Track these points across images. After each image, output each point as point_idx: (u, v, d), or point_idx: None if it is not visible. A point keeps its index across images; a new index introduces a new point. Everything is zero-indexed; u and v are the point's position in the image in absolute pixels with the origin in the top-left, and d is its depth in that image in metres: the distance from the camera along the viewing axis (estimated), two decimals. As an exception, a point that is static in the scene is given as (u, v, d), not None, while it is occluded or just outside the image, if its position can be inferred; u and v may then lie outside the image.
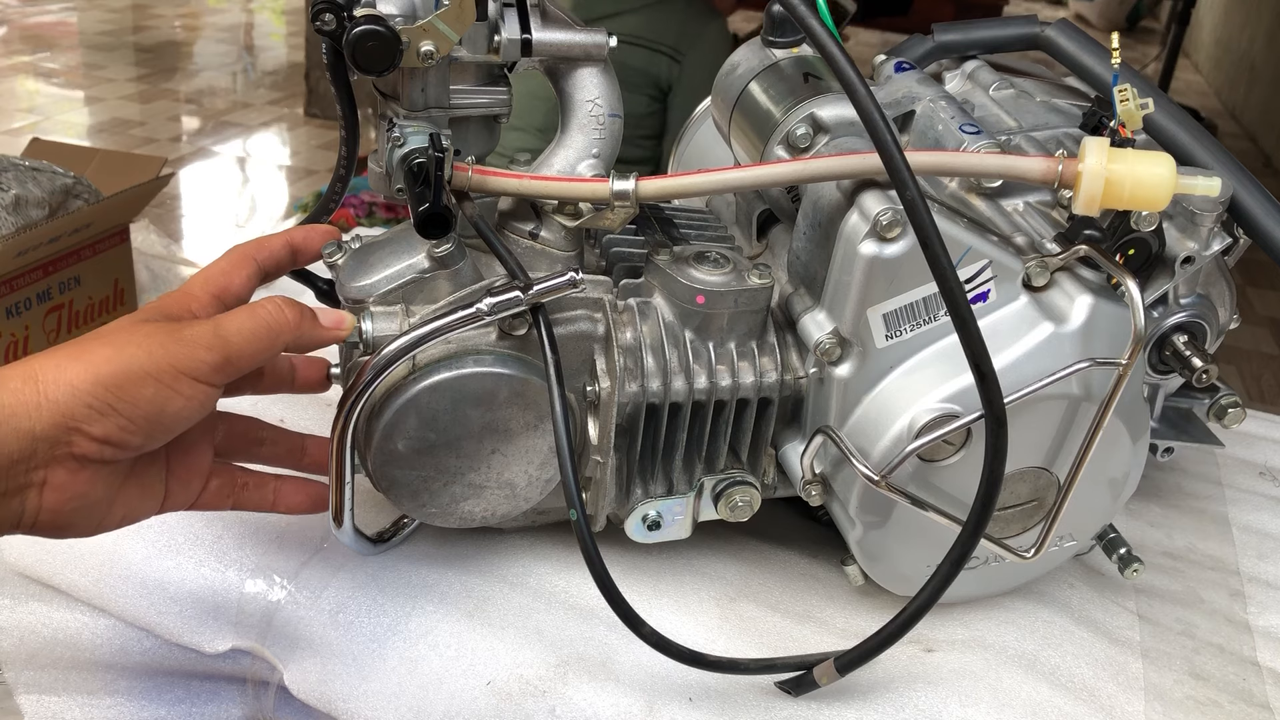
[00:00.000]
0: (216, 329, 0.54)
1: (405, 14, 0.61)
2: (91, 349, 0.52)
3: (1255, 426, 1.00)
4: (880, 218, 0.59)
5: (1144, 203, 0.59)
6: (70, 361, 0.51)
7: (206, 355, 0.54)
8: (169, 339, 0.53)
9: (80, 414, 0.50)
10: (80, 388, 0.50)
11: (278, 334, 0.57)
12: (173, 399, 0.53)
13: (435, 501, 0.66)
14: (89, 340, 0.53)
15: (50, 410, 0.50)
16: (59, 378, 0.50)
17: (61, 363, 0.51)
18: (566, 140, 0.66)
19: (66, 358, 0.51)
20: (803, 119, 0.66)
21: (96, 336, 0.53)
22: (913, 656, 0.68)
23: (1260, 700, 0.68)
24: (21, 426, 0.49)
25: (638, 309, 0.67)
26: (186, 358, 0.53)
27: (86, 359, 0.51)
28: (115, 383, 0.51)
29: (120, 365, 0.51)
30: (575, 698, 0.63)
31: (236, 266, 0.61)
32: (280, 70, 4.24)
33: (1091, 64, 0.75)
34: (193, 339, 0.53)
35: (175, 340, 0.53)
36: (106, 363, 0.51)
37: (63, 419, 0.50)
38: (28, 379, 0.50)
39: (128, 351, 0.51)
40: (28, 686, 0.74)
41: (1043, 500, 0.67)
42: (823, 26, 0.55)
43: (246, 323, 0.56)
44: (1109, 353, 0.61)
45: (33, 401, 0.50)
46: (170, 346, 0.53)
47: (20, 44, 4.27)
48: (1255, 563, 0.82)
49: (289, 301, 0.58)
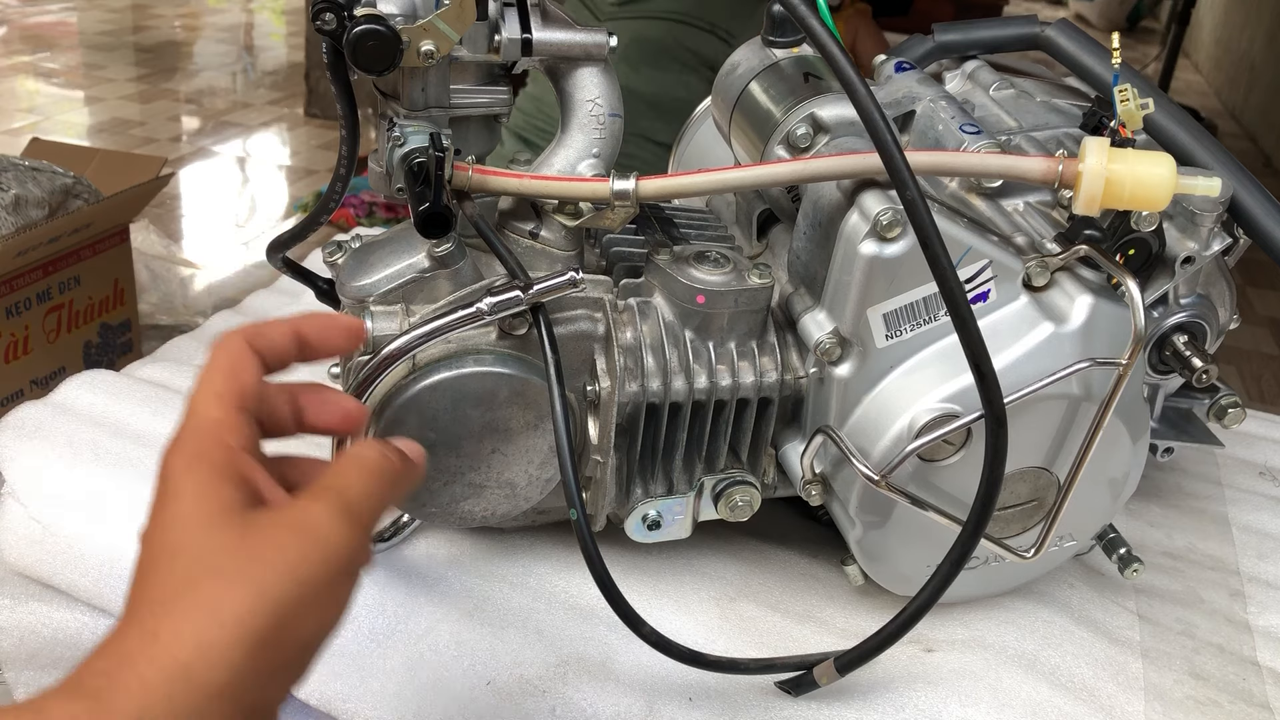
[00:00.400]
0: (347, 510, 0.41)
1: (405, 13, 0.61)
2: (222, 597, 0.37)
3: (1255, 426, 1.00)
4: (880, 217, 0.59)
5: (1144, 203, 0.59)
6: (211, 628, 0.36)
7: (352, 541, 0.41)
8: (302, 545, 0.39)
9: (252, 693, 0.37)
10: (239, 663, 0.36)
11: (397, 486, 0.45)
12: (332, 615, 0.40)
13: (435, 501, 0.66)
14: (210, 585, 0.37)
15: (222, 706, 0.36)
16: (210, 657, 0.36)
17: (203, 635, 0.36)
18: (567, 140, 0.66)
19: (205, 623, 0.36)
20: (803, 119, 0.66)
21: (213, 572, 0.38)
22: (913, 656, 0.68)
23: (1260, 700, 0.68)
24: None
25: (638, 309, 0.67)
26: (335, 561, 0.40)
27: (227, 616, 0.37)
28: (274, 636, 0.37)
29: (270, 609, 0.37)
30: (575, 698, 0.63)
31: (240, 366, 0.46)
32: (280, 70, 4.24)
33: (1091, 64, 0.75)
34: (327, 538, 0.40)
35: (310, 545, 0.40)
36: (252, 613, 0.37)
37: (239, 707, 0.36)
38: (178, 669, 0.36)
39: (268, 584, 0.38)
40: (28, 686, 0.74)
41: (1043, 500, 0.67)
42: (823, 26, 0.54)
43: (370, 488, 0.43)
44: (1109, 353, 0.61)
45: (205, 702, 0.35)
46: (312, 556, 0.39)
47: (20, 44, 4.28)
48: (1255, 563, 0.82)
49: (386, 445, 0.46)
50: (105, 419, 0.79)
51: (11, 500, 0.73)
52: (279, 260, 0.73)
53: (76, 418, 0.79)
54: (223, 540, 0.39)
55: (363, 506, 0.42)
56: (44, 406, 0.80)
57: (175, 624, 0.36)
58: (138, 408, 0.80)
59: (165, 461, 0.42)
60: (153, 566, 0.40)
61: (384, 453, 0.45)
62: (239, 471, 0.42)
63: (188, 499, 0.40)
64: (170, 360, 0.92)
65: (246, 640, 0.36)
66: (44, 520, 0.71)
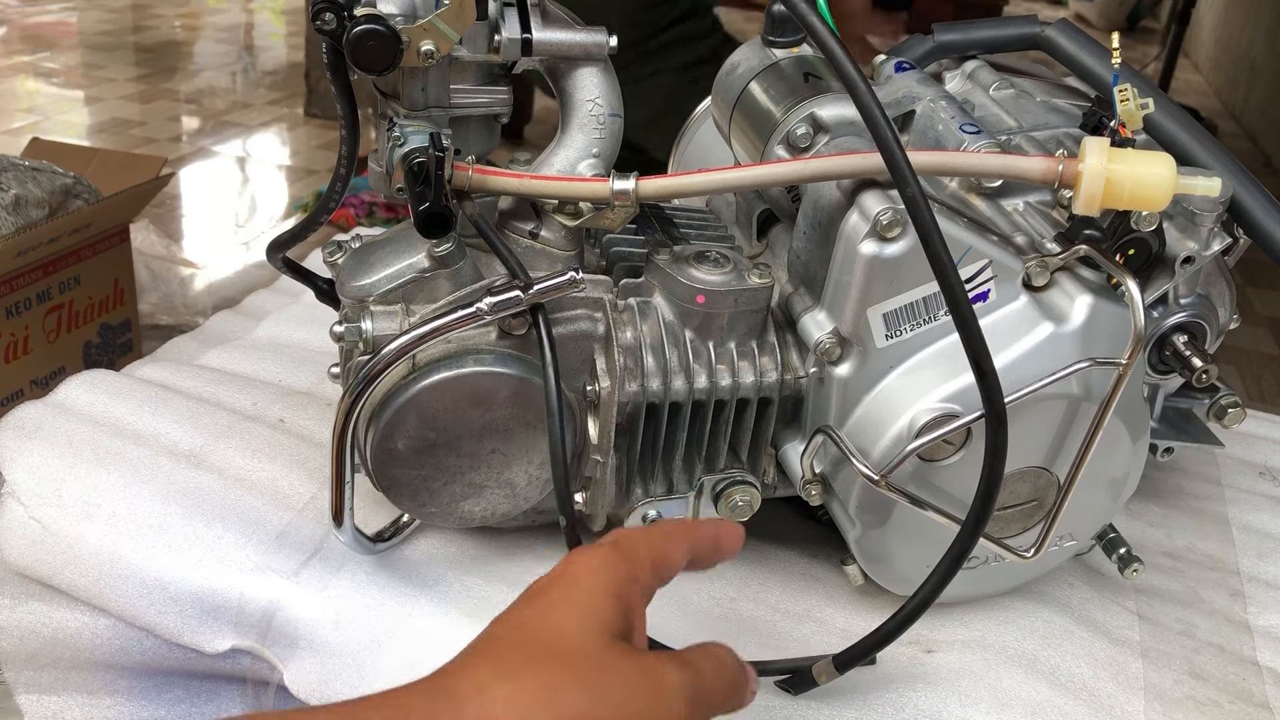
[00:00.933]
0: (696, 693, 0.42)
1: (405, 13, 0.61)
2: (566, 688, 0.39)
3: (1255, 426, 1.00)
4: (880, 217, 0.59)
5: (1144, 203, 0.59)
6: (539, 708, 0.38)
7: None
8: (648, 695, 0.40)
9: None
10: None
11: (736, 700, 0.47)
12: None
13: (435, 501, 0.66)
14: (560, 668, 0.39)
15: None
16: None
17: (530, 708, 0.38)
18: (567, 140, 0.66)
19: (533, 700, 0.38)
20: (803, 119, 0.66)
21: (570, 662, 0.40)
22: (912, 657, 0.68)
23: (1260, 700, 0.68)
24: None
25: (638, 308, 0.67)
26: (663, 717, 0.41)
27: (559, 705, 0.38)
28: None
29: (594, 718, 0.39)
30: (575, 697, 0.63)
31: (675, 544, 0.49)
32: (280, 70, 4.24)
33: (1091, 64, 0.75)
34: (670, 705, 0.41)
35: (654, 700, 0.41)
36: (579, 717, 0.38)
37: None
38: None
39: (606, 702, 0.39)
40: (28, 686, 0.74)
41: (1043, 500, 0.67)
42: (824, 25, 0.55)
43: (719, 688, 0.45)
44: (1109, 353, 0.61)
45: None
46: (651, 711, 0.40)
47: (20, 44, 4.27)
48: (1255, 563, 0.82)
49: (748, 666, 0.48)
50: (105, 419, 0.79)
51: (11, 500, 0.73)
52: (279, 260, 0.73)
53: (76, 418, 0.79)
54: (586, 643, 0.41)
55: (704, 699, 0.43)
56: (44, 406, 0.80)
57: (510, 689, 0.38)
58: (138, 408, 0.80)
59: (574, 557, 0.45)
60: (514, 628, 0.42)
61: (744, 667, 0.47)
62: (629, 603, 0.45)
63: (580, 593, 0.43)
64: (170, 360, 0.92)
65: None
66: (44, 520, 0.71)
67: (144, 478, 0.73)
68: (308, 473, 0.76)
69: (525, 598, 0.44)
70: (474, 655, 0.41)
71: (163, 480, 0.73)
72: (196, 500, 0.72)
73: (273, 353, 0.93)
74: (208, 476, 0.74)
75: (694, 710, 0.42)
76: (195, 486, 0.73)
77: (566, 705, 0.38)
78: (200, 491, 0.73)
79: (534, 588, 0.44)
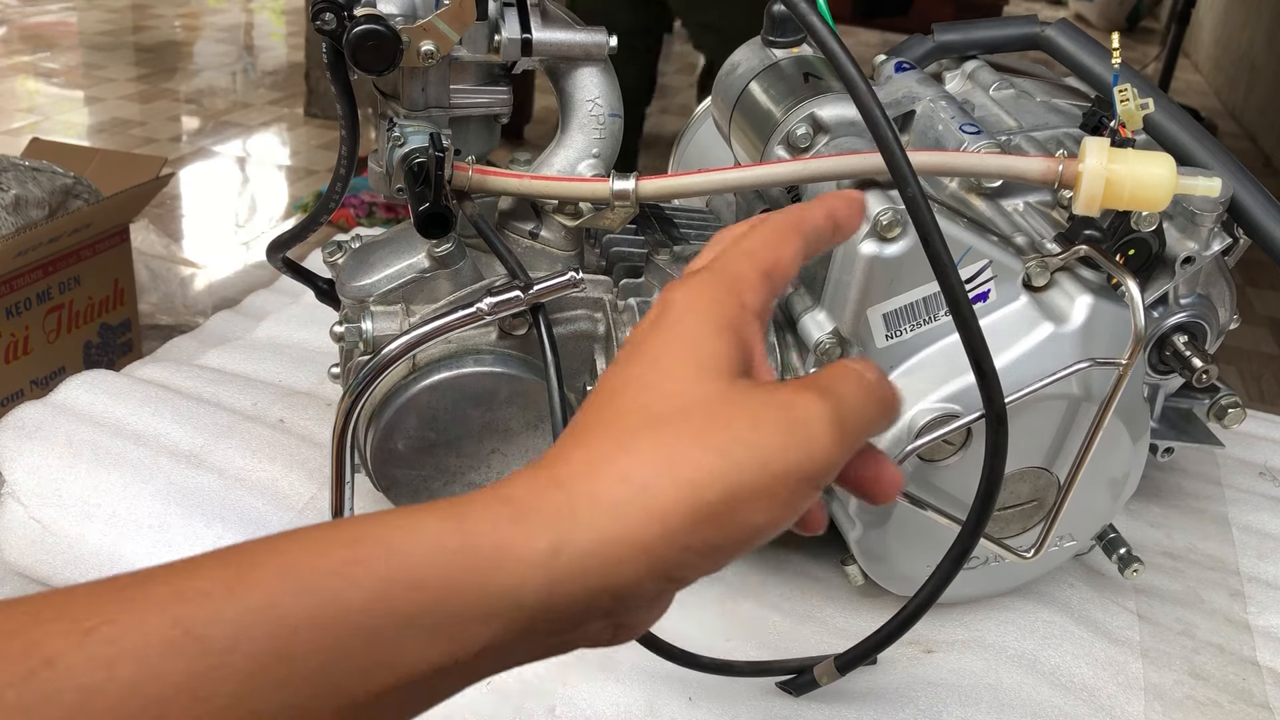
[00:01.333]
0: (840, 419, 0.36)
1: (405, 13, 0.61)
2: (688, 452, 0.33)
3: (1255, 426, 1.00)
4: (880, 217, 0.59)
5: (1144, 203, 0.59)
6: (663, 478, 0.33)
7: (834, 454, 0.36)
8: (784, 433, 0.35)
9: (671, 561, 0.33)
10: (677, 526, 0.33)
11: (886, 418, 0.40)
12: (783, 519, 0.35)
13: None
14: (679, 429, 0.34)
15: (637, 559, 0.32)
16: (649, 507, 0.33)
17: (650, 481, 0.33)
18: (566, 140, 0.66)
19: (656, 470, 0.33)
20: (803, 119, 0.66)
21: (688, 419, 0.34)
22: (913, 657, 0.68)
23: (1260, 700, 0.68)
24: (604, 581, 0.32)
25: (638, 308, 0.67)
26: (811, 464, 0.35)
27: (681, 472, 0.33)
28: (721, 513, 0.33)
29: (728, 481, 0.33)
30: (575, 697, 0.63)
31: (784, 240, 0.42)
32: (280, 70, 4.24)
33: (1091, 64, 0.75)
34: (813, 437, 0.35)
35: (792, 436, 0.35)
36: (710, 481, 0.33)
37: (651, 570, 0.33)
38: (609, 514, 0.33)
39: (737, 456, 0.34)
40: (28, 686, 0.74)
41: (1043, 500, 0.67)
42: (825, 24, 0.54)
43: (866, 408, 0.38)
44: (1109, 353, 0.61)
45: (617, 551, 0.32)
46: (791, 449, 0.35)
47: (20, 44, 4.27)
48: (1255, 563, 0.82)
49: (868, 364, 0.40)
50: (105, 419, 0.79)
51: (11, 500, 0.73)
52: (279, 260, 0.73)
53: (76, 418, 0.79)
54: (702, 392, 0.35)
55: (853, 424, 0.37)
56: (44, 406, 0.80)
57: (624, 463, 0.33)
58: (138, 408, 0.80)
59: (668, 294, 0.39)
60: (617, 393, 0.36)
61: (884, 377, 0.39)
62: (743, 333, 0.38)
63: (684, 335, 0.37)
64: (170, 360, 0.92)
65: (692, 509, 0.33)
66: (44, 520, 0.71)
67: (144, 478, 0.73)
68: (308, 473, 0.76)
69: (625, 355, 0.38)
70: (578, 433, 0.36)
71: (163, 480, 0.73)
72: (196, 500, 0.72)
73: (273, 353, 0.93)
74: (208, 477, 0.74)
75: (842, 439, 0.36)
76: (195, 486, 0.73)
77: (692, 470, 0.33)
78: (200, 491, 0.73)
79: (632, 340, 0.38)
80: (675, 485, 0.33)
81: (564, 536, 0.32)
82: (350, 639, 0.29)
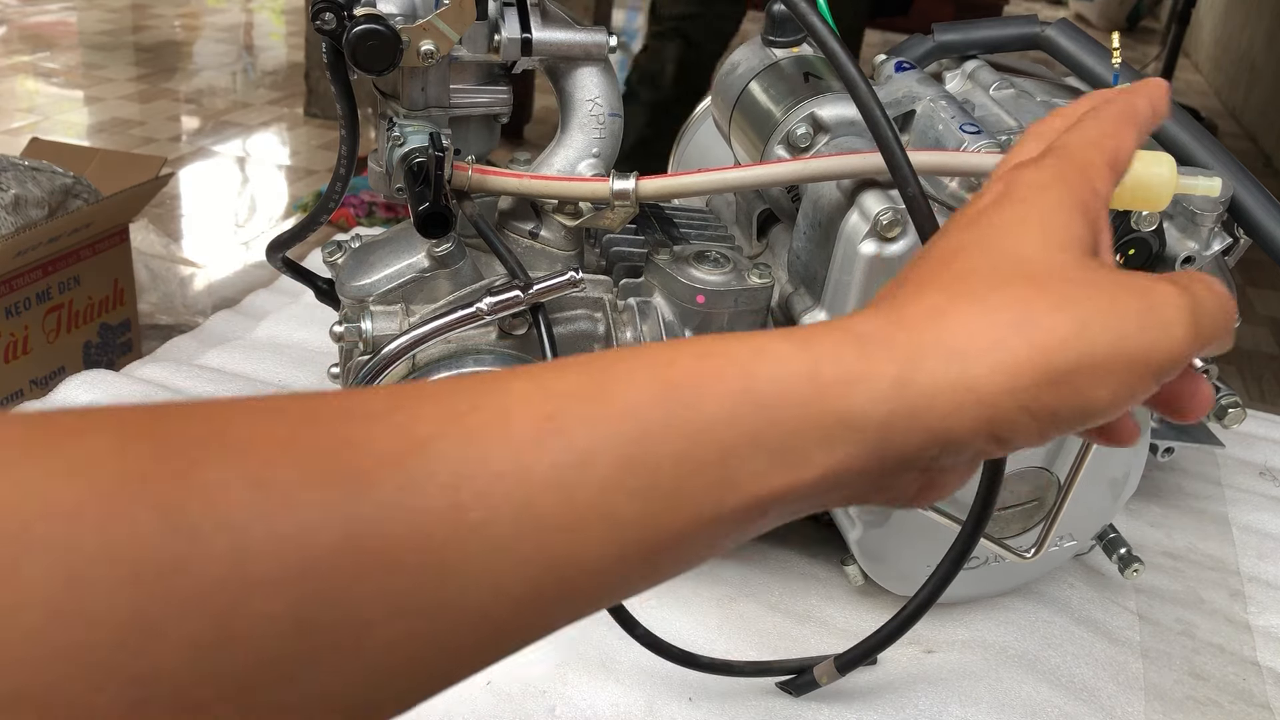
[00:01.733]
0: (1195, 319, 0.34)
1: (405, 13, 0.61)
2: (1042, 313, 0.32)
3: (1255, 426, 1.00)
4: (881, 217, 0.59)
5: (1144, 203, 0.58)
6: (1014, 333, 0.32)
7: (1180, 348, 0.34)
8: (1141, 315, 0.33)
9: (1007, 420, 0.32)
10: (1022, 385, 0.32)
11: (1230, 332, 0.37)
12: (1121, 402, 0.34)
13: (435, 501, 0.66)
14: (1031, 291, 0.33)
15: (975, 409, 0.32)
16: (997, 361, 0.32)
17: (1000, 334, 0.32)
18: (566, 140, 0.66)
19: (1007, 324, 0.32)
20: (803, 118, 0.66)
21: (1042, 284, 0.33)
22: (913, 657, 0.68)
23: (1260, 700, 0.68)
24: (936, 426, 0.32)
25: (638, 308, 0.67)
26: (1162, 353, 0.33)
27: (1034, 334, 0.32)
28: (1067, 380, 0.32)
29: (1080, 349, 0.32)
30: (575, 697, 0.63)
31: (1123, 131, 0.41)
32: (280, 70, 4.24)
33: (1091, 64, 0.75)
34: (1169, 325, 0.34)
35: (1149, 320, 0.34)
36: (1062, 345, 0.32)
37: (986, 424, 0.32)
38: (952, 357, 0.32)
39: (1093, 328, 0.33)
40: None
41: (1043, 500, 0.67)
42: (824, 25, 0.54)
43: (1218, 315, 0.35)
44: (1109, 352, 0.61)
45: (955, 397, 0.32)
46: (1146, 332, 0.33)
47: (20, 44, 4.27)
48: (1255, 563, 0.82)
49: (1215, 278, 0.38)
50: (105, 419, 0.79)
51: (11, 500, 0.73)
52: (279, 260, 0.73)
53: (76, 418, 0.79)
54: (1058, 262, 0.34)
55: (1206, 326, 0.35)
56: (43, 407, 0.80)
57: (972, 315, 0.33)
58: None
59: (1015, 174, 0.38)
60: (955, 255, 0.35)
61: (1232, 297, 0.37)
62: (1094, 216, 0.37)
63: (1034, 211, 0.36)
64: (170, 360, 0.92)
65: (1040, 370, 0.32)
66: (44, 520, 0.71)
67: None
68: (308, 473, 0.76)
69: (960, 224, 0.37)
70: (912, 287, 0.35)
71: (162, 480, 0.73)
72: (196, 500, 0.72)
73: (273, 353, 0.93)
74: (207, 476, 0.74)
75: (1196, 336, 0.34)
76: (195, 486, 0.73)
77: (1046, 330, 0.32)
78: (200, 491, 0.73)
79: (968, 213, 0.37)
80: (1027, 344, 0.32)
81: (909, 374, 0.31)
82: (704, 452, 0.29)
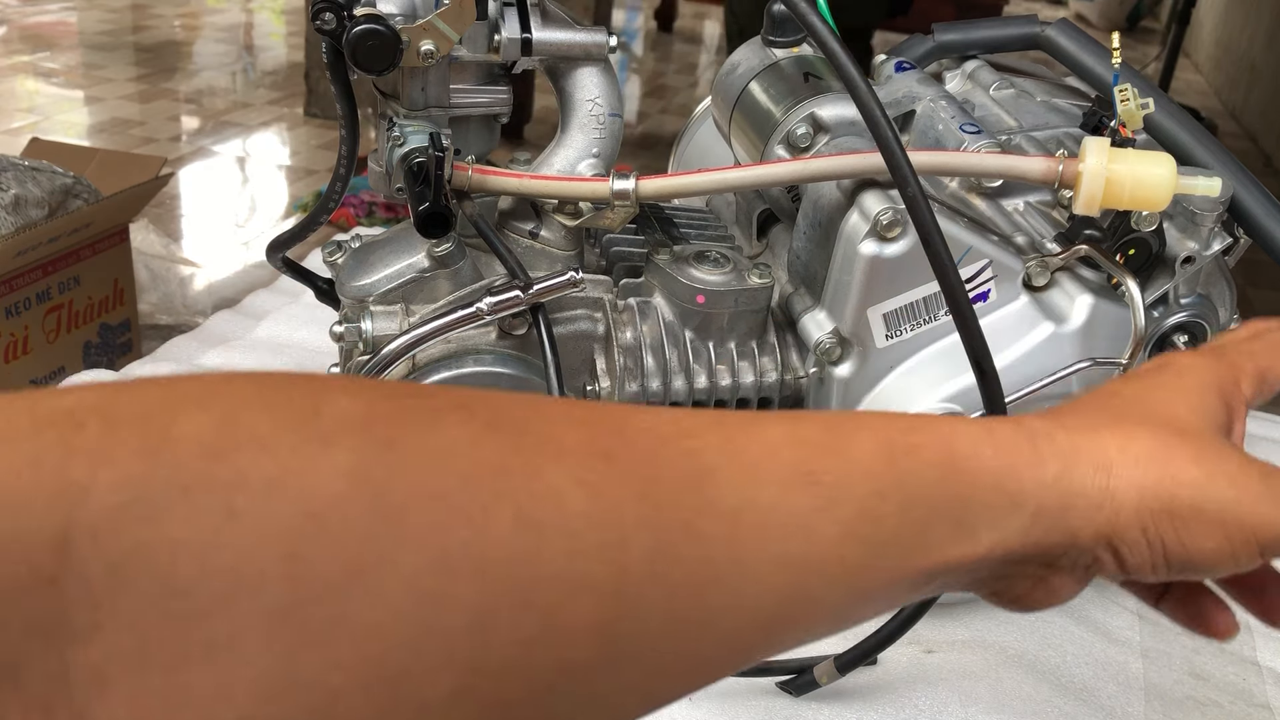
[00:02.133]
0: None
1: (405, 13, 0.61)
2: (1178, 456, 0.37)
3: (1255, 426, 1.00)
4: (880, 217, 0.59)
5: (1144, 203, 0.59)
6: (1152, 463, 0.37)
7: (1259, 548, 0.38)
8: (1262, 490, 0.38)
9: (1126, 536, 0.36)
10: (1146, 505, 0.36)
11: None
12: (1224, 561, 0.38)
13: (435, 501, 0.66)
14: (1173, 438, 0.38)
15: (1104, 515, 0.36)
16: (1132, 479, 0.36)
17: (1141, 460, 0.37)
18: (566, 140, 0.66)
19: (1148, 455, 0.37)
20: (803, 118, 0.66)
21: (1183, 436, 0.38)
22: (913, 657, 0.68)
23: (1260, 700, 0.68)
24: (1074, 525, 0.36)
25: (638, 308, 0.67)
26: (1271, 526, 0.38)
27: (1170, 468, 0.37)
28: (1183, 517, 0.37)
29: (1203, 497, 0.37)
30: (575, 698, 0.63)
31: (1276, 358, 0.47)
32: (280, 70, 4.24)
33: (1091, 64, 0.75)
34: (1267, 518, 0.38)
35: (1269, 496, 0.38)
36: (1190, 486, 0.37)
37: (1108, 532, 0.36)
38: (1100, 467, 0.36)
39: (1218, 483, 0.37)
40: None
41: (1043, 500, 0.67)
42: (824, 25, 0.54)
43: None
44: (1109, 353, 0.61)
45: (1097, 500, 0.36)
46: (1263, 505, 0.38)
47: (20, 44, 4.27)
48: (1255, 563, 0.82)
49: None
50: (105, 419, 0.79)
51: (11, 500, 0.73)
52: (279, 260, 0.73)
53: (76, 418, 0.79)
54: (1196, 426, 0.39)
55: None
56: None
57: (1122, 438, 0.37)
58: (137, 408, 0.80)
59: (1175, 357, 0.43)
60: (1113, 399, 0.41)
61: None
62: (1233, 405, 0.43)
63: (1185, 384, 0.41)
64: (170, 360, 0.92)
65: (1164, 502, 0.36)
66: (44, 520, 0.71)
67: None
68: (308, 473, 0.76)
69: (1121, 381, 0.43)
70: (1079, 407, 0.40)
71: (162, 480, 0.73)
72: (196, 500, 0.72)
73: (273, 353, 0.93)
74: (207, 476, 0.74)
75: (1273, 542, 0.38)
76: (195, 486, 0.73)
77: (1179, 469, 0.37)
78: (200, 491, 0.73)
79: (1128, 376, 0.43)
80: (1160, 475, 0.36)
81: (1067, 470, 0.35)
82: (916, 513, 0.32)
